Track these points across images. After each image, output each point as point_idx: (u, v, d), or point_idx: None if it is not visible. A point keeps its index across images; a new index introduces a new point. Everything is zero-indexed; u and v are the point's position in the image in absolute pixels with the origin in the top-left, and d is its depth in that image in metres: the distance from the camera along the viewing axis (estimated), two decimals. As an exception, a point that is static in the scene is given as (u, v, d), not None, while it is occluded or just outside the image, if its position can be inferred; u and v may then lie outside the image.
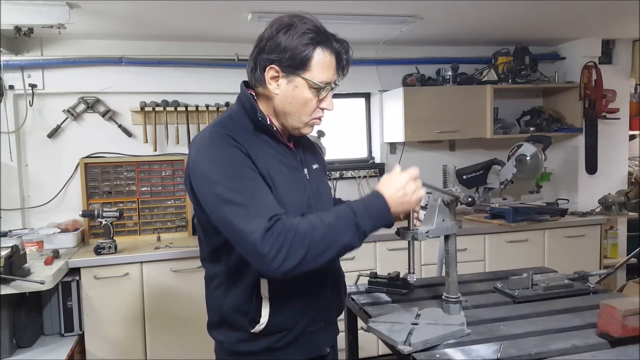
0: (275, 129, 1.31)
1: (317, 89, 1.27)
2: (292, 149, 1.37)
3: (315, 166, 1.45)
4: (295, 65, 1.24)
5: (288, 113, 1.30)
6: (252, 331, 1.27)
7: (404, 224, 1.35)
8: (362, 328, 1.45)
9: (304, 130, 1.34)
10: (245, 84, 1.35)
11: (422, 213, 1.40)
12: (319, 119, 1.35)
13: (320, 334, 1.37)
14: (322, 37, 1.26)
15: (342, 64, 1.32)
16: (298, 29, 1.24)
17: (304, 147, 1.46)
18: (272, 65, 1.25)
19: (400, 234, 1.35)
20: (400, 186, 1.21)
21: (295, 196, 1.29)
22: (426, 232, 1.33)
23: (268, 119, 1.30)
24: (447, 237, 1.40)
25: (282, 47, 1.23)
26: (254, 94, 1.33)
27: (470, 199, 1.37)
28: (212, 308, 1.36)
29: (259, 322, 1.26)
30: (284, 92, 1.27)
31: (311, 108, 1.30)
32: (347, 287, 1.76)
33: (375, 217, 1.19)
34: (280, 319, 1.27)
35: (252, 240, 1.10)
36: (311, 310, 1.32)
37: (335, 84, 1.32)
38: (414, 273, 1.35)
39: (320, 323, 1.36)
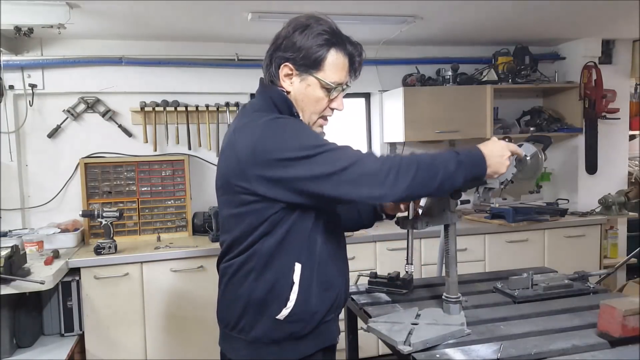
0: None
1: (329, 89, 1.32)
2: None
3: None
4: (309, 64, 1.30)
5: (302, 110, 1.35)
6: (277, 317, 1.29)
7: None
8: (362, 328, 1.45)
9: (314, 127, 1.39)
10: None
11: (422, 201, 1.41)
12: (327, 118, 1.40)
13: (333, 323, 1.41)
14: (336, 39, 1.31)
15: (355, 66, 1.36)
16: (314, 29, 1.29)
17: None
18: (287, 63, 1.31)
19: (400, 223, 1.36)
20: (498, 151, 1.30)
21: None
22: (426, 222, 1.34)
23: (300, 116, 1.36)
24: (446, 228, 1.40)
25: (298, 47, 1.29)
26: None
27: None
28: (238, 298, 1.33)
29: (286, 306, 1.28)
30: (297, 90, 1.33)
31: (321, 107, 1.35)
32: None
33: (473, 163, 1.26)
34: (304, 305, 1.30)
35: (362, 163, 1.18)
36: (328, 299, 1.35)
37: (347, 85, 1.36)
38: (411, 264, 1.36)
39: (333, 312, 1.40)
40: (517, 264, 2.39)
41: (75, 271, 2.72)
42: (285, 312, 1.28)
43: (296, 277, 1.29)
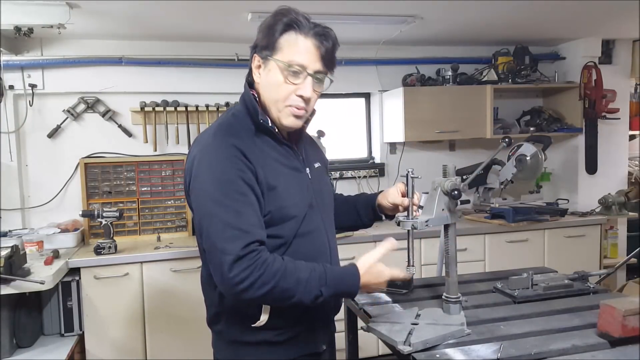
0: (276, 130, 1.30)
1: (288, 71, 1.22)
2: (295, 148, 1.36)
3: (317, 165, 1.44)
4: (266, 47, 1.24)
5: (267, 102, 1.28)
6: (252, 325, 1.28)
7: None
8: (362, 328, 1.45)
9: (284, 121, 1.28)
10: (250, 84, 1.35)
11: (423, 196, 1.40)
12: (298, 108, 1.26)
13: (318, 332, 1.39)
14: (296, 21, 1.22)
15: (322, 52, 1.23)
16: (276, 14, 1.25)
17: (306, 144, 1.45)
18: (254, 55, 1.28)
19: (400, 223, 1.35)
20: (378, 278, 1.28)
21: (296, 198, 1.29)
22: (426, 222, 1.33)
23: (269, 121, 1.28)
24: (446, 228, 1.39)
25: (259, 34, 1.26)
26: (255, 94, 1.31)
27: (455, 192, 1.34)
28: (212, 303, 1.36)
29: (258, 319, 1.27)
30: (262, 80, 1.28)
31: (284, 93, 1.24)
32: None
33: (342, 292, 1.27)
34: (280, 320, 1.28)
35: (222, 261, 1.14)
36: (309, 314, 1.32)
37: (323, 74, 1.26)
38: (413, 266, 1.34)
39: (318, 322, 1.38)
40: (517, 264, 2.38)
41: (75, 271, 2.72)
42: (260, 322, 1.27)
43: None
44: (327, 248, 1.38)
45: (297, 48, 1.22)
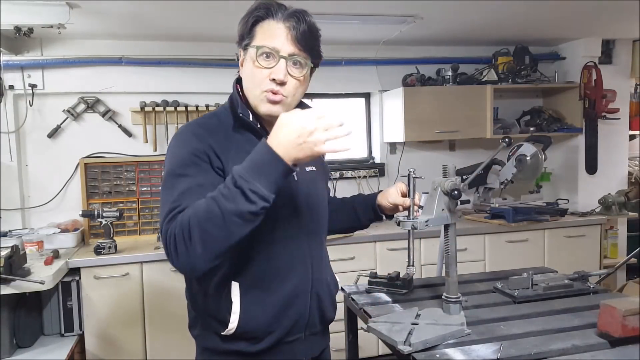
0: (259, 125, 1.26)
1: (261, 56, 1.19)
2: None
3: (310, 168, 1.38)
4: (243, 36, 1.24)
5: (248, 93, 1.26)
6: (222, 334, 1.24)
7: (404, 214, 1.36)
8: (362, 328, 1.45)
9: (261, 109, 1.24)
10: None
11: (424, 196, 1.40)
12: (273, 92, 1.21)
13: (299, 345, 1.32)
14: (268, 9, 1.21)
15: (295, 34, 1.19)
16: (252, 7, 1.24)
17: None
18: (239, 50, 1.27)
19: (400, 223, 1.35)
20: (292, 129, 1.03)
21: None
22: (426, 221, 1.33)
23: (250, 115, 1.26)
24: (446, 228, 1.39)
25: (238, 29, 1.26)
26: (239, 89, 1.31)
27: (455, 192, 1.34)
28: (189, 306, 1.35)
29: (227, 327, 1.22)
30: (244, 72, 1.27)
31: (258, 78, 1.21)
32: (347, 287, 1.76)
33: (263, 172, 1.03)
34: (251, 324, 1.23)
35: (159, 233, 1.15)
36: (286, 320, 1.27)
37: (293, 56, 1.20)
38: (413, 266, 1.34)
39: (300, 333, 1.31)
40: (517, 264, 2.38)
41: (75, 271, 2.72)
42: (228, 332, 1.22)
43: (234, 296, 1.22)
44: (306, 256, 1.31)
45: (270, 33, 1.20)
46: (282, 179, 1.05)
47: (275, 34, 1.19)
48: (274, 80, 1.20)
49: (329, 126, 1.06)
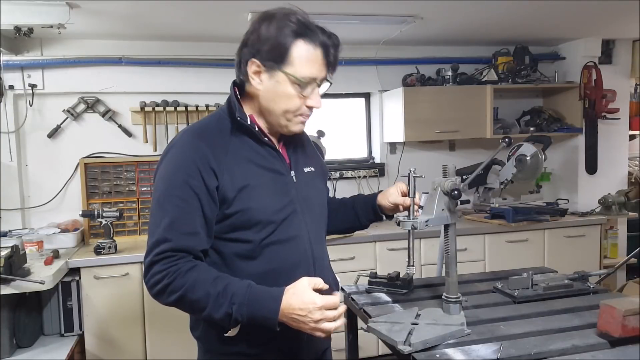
0: (257, 129, 1.26)
1: (300, 84, 1.21)
2: (279, 150, 1.32)
3: (308, 169, 1.39)
4: (275, 58, 1.19)
5: (272, 111, 1.25)
6: (225, 335, 1.23)
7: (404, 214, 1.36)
8: (362, 328, 1.45)
9: (292, 129, 1.28)
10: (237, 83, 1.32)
11: (424, 196, 1.40)
12: (306, 116, 1.27)
13: (301, 346, 1.31)
14: (304, 29, 1.19)
15: (330, 59, 1.23)
16: (280, 19, 1.19)
17: (297, 148, 1.39)
18: (254, 59, 1.21)
19: (400, 223, 1.35)
20: (304, 307, 1.11)
21: (271, 201, 1.25)
22: (426, 221, 1.33)
23: (249, 119, 1.26)
24: (446, 228, 1.39)
25: (262, 39, 1.19)
26: (237, 92, 1.30)
27: (455, 192, 1.34)
28: None
29: (229, 329, 1.21)
30: (266, 88, 1.23)
31: (295, 105, 1.23)
32: (347, 287, 1.76)
33: (258, 317, 1.13)
34: (254, 332, 1.22)
35: (144, 262, 1.21)
36: (275, 342, 1.26)
37: (327, 80, 1.26)
38: (413, 266, 1.34)
39: (301, 334, 1.22)
40: (517, 264, 2.38)
41: (75, 271, 2.72)
42: (231, 333, 1.20)
43: None
44: (308, 257, 1.31)
45: (311, 60, 1.20)
46: (261, 323, 1.14)
47: (315, 61, 1.21)
48: (309, 107, 1.26)
49: (334, 318, 1.14)
